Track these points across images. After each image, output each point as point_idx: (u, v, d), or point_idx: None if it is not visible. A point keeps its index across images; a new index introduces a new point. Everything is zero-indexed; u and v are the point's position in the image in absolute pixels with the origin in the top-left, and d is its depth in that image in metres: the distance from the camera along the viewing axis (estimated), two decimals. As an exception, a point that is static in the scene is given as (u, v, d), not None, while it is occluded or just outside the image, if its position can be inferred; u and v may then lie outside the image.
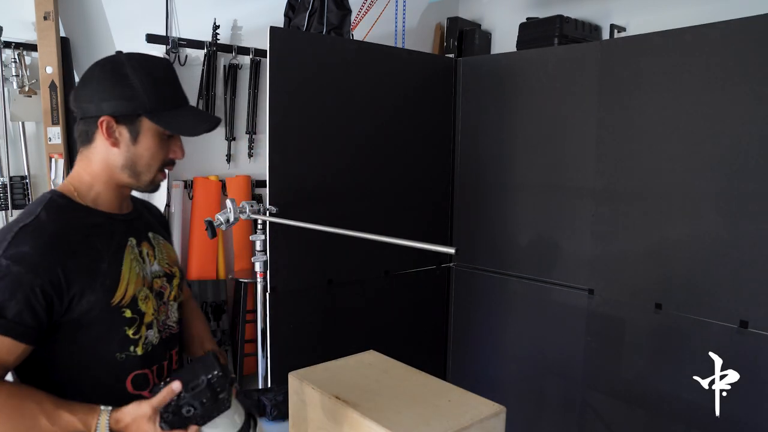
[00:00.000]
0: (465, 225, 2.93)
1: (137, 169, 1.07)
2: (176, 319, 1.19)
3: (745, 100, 1.94)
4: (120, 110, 1.02)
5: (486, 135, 2.80)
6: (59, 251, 0.97)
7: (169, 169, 1.11)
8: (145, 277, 1.10)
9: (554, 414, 2.58)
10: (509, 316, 2.75)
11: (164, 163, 1.09)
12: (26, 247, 0.94)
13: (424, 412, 1.30)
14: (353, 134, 2.57)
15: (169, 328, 1.17)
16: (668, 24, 2.23)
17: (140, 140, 1.05)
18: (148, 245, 1.15)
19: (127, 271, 1.06)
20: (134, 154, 1.06)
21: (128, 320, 1.05)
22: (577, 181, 2.43)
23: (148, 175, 1.08)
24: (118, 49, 2.96)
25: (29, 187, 2.76)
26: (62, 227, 1.00)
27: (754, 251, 1.94)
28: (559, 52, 2.59)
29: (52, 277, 0.94)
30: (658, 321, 2.18)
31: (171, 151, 1.10)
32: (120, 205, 1.13)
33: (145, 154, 1.06)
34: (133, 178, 1.08)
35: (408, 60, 2.80)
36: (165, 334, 1.15)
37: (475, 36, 3.75)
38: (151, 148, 1.06)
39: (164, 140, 1.08)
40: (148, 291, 1.10)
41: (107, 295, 1.02)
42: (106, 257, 1.03)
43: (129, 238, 1.10)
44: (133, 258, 1.09)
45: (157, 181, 1.11)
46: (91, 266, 1.00)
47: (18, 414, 0.91)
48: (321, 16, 2.96)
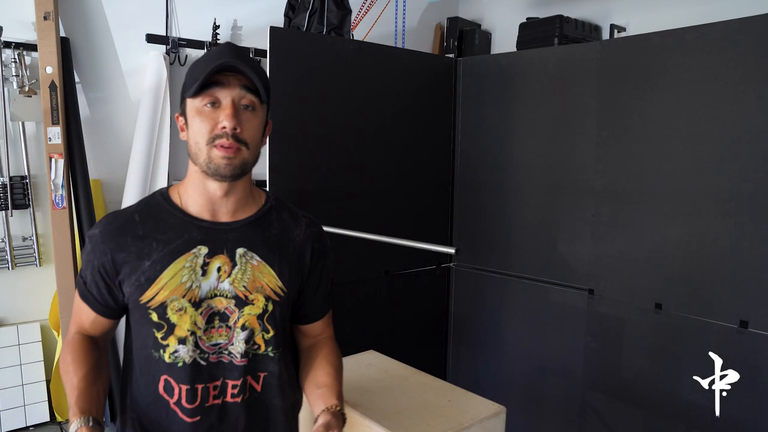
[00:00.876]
0: (465, 225, 2.93)
1: (193, 152, 1.01)
2: (242, 351, 1.05)
3: (745, 100, 1.94)
4: (180, 104, 1.07)
5: (486, 135, 2.80)
6: (115, 241, 1.02)
7: (225, 143, 0.98)
8: (191, 290, 1.02)
9: (554, 414, 2.58)
10: (509, 316, 2.75)
11: (213, 137, 0.98)
12: (99, 229, 1.05)
13: (424, 412, 1.30)
14: (353, 134, 2.57)
15: (231, 356, 1.05)
16: (668, 24, 2.23)
17: (189, 123, 1.02)
18: (226, 260, 1.04)
19: (168, 275, 1.01)
20: (188, 138, 1.02)
21: (155, 324, 1.02)
22: (577, 181, 2.43)
23: (202, 155, 0.99)
24: (118, 48, 2.97)
25: (29, 187, 2.76)
26: (132, 220, 1.04)
27: (754, 251, 1.94)
28: (559, 52, 2.59)
29: (105, 261, 1.03)
30: (658, 321, 2.18)
31: (218, 122, 0.98)
32: (211, 209, 1.06)
33: (193, 133, 1.01)
34: (196, 163, 1.01)
35: (408, 60, 2.80)
36: (215, 358, 1.04)
37: (475, 36, 3.75)
38: (195, 125, 1.00)
39: (208, 112, 0.99)
40: (188, 304, 1.02)
41: (138, 292, 1.02)
42: (154, 256, 1.02)
43: (199, 246, 1.03)
44: (187, 266, 1.02)
45: (216, 159, 0.98)
46: (136, 261, 1.02)
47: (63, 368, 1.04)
48: (321, 16, 2.96)
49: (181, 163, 3.18)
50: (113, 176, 3.00)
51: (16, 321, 2.82)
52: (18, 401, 2.75)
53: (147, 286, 1.01)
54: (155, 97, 2.92)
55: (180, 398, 1.03)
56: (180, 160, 3.17)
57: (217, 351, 1.04)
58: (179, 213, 1.05)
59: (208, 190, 1.04)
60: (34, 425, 2.80)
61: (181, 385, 1.03)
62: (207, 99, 0.99)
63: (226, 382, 1.05)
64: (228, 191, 1.04)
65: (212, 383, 1.04)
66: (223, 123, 0.97)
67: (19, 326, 2.78)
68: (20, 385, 2.76)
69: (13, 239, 2.77)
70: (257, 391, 1.08)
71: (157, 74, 2.94)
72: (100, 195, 2.97)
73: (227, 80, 0.99)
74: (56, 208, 2.71)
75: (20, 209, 2.77)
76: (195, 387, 1.03)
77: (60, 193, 2.71)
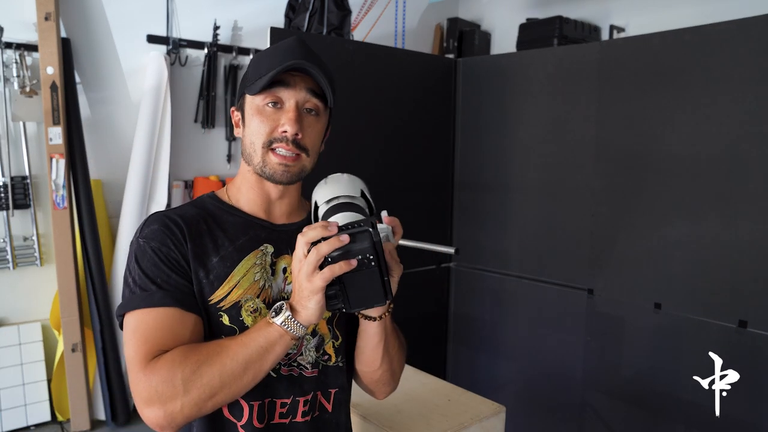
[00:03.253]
0: (465, 225, 2.93)
1: (247, 152, 0.94)
2: (313, 361, 0.96)
3: (745, 99, 1.94)
4: (237, 98, 0.98)
5: (486, 135, 2.81)
6: (180, 232, 0.91)
7: (283, 148, 0.91)
8: (265, 289, 0.93)
9: (554, 413, 2.58)
10: (509, 316, 2.76)
11: (271, 140, 0.91)
12: (155, 225, 0.91)
13: (424, 412, 1.30)
14: (353, 134, 2.58)
15: (300, 368, 0.95)
16: (668, 24, 2.24)
17: (246, 120, 0.95)
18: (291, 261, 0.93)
19: (240, 272, 0.92)
20: (244, 136, 0.95)
21: (226, 329, 0.90)
22: (576, 181, 2.43)
23: (256, 156, 0.93)
24: (118, 49, 2.98)
25: (30, 187, 2.77)
26: (188, 216, 0.94)
27: (753, 251, 1.94)
28: (559, 52, 2.59)
29: (180, 247, 0.90)
30: (658, 321, 2.19)
31: (279, 124, 0.91)
32: (267, 209, 0.99)
33: (249, 132, 0.93)
34: (250, 163, 0.95)
35: (408, 60, 2.80)
36: (286, 371, 0.94)
37: (475, 36, 3.75)
38: (253, 124, 0.92)
39: (269, 113, 0.91)
40: (263, 305, 0.92)
41: (207, 290, 0.90)
42: (222, 252, 0.92)
43: (265, 244, 0.96)
44: (257, 263, 0.94)
45: (272, 164, 0.92)
46: (202, 257, 0.91)
47: (203, 354, 0.82)
48: (321, 16, 2.97)
49: (181, 163, 3.18)
50: (114, 176, 3.00)
51: (17, 321, 2.83)
52: (19, 401, 2.76)
53: (218, 284, 0.90)
54: (156, 97, 2.93)
55: (251, 418, 0.90)
56: (180, 160, 3.17)
57: (287, 363, 0.94)
58: (236, 212, 0.98)
59: (264, 189, 0.98)
60: (35, 425, 2.80)
61: (252, 402, 0.90)
62: (269, 98, 0.91)
63: (296, 400, 0.94)
64: (283, 193, 0.99)
65: (280, 399, 0.93)
66: (284, 127, 0.90)
67: (20, 326, 2.79)
68: (21, 385, 2.76)
69: (15, 239, 2.78)
70: (328, 411, 0.99)
71: (158, 75, 2.94)
72: (101, 195, 2.98)
73: (293, 80, 0.91)
74: (57, 208, 2.72)
75: (21, 209, 2.77)
76: (264, 402, 0.91)
77: (61, 193, 2.72)
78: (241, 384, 0.81)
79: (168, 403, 0.78)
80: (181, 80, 3.14)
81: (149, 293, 0.86)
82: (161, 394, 0.78)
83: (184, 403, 0.78)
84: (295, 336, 0.80)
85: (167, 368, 0.79)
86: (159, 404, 0.78)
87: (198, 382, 0.78)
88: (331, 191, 0.89)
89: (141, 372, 0.80)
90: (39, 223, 2.83)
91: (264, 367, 0.81)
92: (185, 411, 0.79)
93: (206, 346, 0.82)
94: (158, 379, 0.78)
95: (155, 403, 0.78)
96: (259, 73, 0.91)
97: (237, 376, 0.79)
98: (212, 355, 0.80)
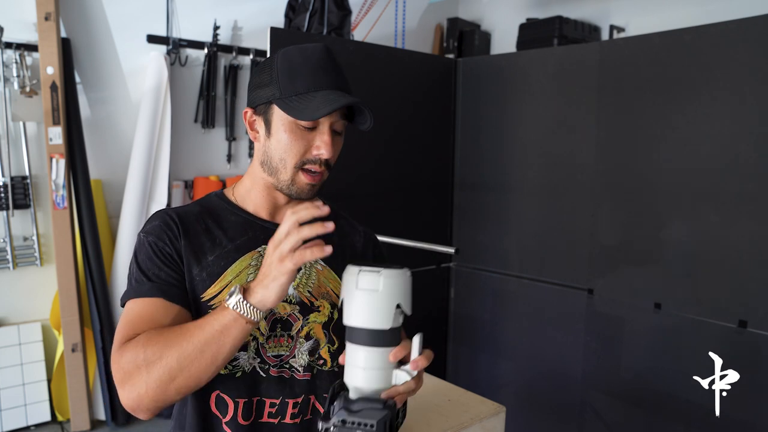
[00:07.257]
0: (465, 225, 2.93)
1: (273, 165, 0.94)
2: (305, 364, 0.96)
3: (745, 99, 1.94)
4: (256, 99, 0.95)
5: (486, 135, 2.81)
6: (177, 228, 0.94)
7: (315, 169, 0.93)
8: None
9: (554, 414, 2.58)
10: (509, 316, 2.76)
11: (304, 161, 0.92)
12: (156, 221, 0.94)
13: (424, 412, 1.30)
14: (353, 135, 2.57)
15: (292, 370, 0.96)
16: (667, 24, 2.24)
17: (273, 131, 0.94)
18: None
19: (233, 272, 0.93)
20: (269, 147, 0.94)
21: None
22: (576, 181, 2.43)
23: (284, 173, 0.93)
24: (118, 49, 2.98)
25: (30, 187, 2.77)
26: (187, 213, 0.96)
27: (753, 251, 1.94)
28: (559, 52, 2.59)
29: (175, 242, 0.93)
30: (658, 321, 2.19)
31: (314, 146, 0.92)
32: (272, 211, 1.00)
33: (278, 147, 0.93)
34: (273, 176, 0.95)
35: (408, 60, 2.80)
36: (276, 372, 0.94)
37: (475, 36, 3.76)
38: (283, 140, 0.92)
39: (301, 132, 0.92)
40: None
41: (200, 287, 0.92)
42: (217, 251, 0.94)
43: (263, 245, 0.95)
44: (252, 264, 0.95)
45: (301, 184, 0.94)
46: (198, 254, 0.93)
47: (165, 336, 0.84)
48: (321, 16, 2.97)
49: (181, 163, 3.18)
50: (114, 176, 3.00)
51: (17, 321, 2.83)
52: (19, 401, 2.76)
53: (210, 282, 0.92)
54: (156, 97, 2.93)
55: (236, 415, 0.92)
56: (180, 160, 3.17)
57: (278, 364, 0.95)
58: (240, 211, 0.99)
59: (274, 195, 1.00)
60: (35, 425, 2.80)
61: (238, 399, 0.92)
62: (308, 123, 0.92)
63: (286, 402, 0.95)
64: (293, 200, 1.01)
65: (270, 399, 0.94)
66: (320, 150, 0.92)
67: (20, 326, 2.79)
68: (21, 385, 2.77)
69: (15, 239, 2.78)
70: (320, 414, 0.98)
71: (158, 75, 2.94)
72: (101, 195, 2.98)
73: None
74: (57, 208, 2.72)
75: (21, 209, 2.77)
76: (252, 400, 0.93)
77: (61, 193, 2.72)
78: (200, 367, 0.80)
79: (135, 383, 0.80)
80: (181, 80, 3.14)
81: (140, 284, 0.90)
82: (128, 374, 0.81)
83: (148, 384, 0.80)
84: (250, 319, 0.79)
85: (133, 349, 0.82)
86: (128, 384, 0.81)
87: (158, 363, 0.79)
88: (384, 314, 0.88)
89: (115, 353, 0.84)
90: (39, 223, 2.83)
91: (222, 351, 0.80)
92: (150, 393, 0.80)
93: (171, 330, 0.83)
94: (125, 359, 0.82)
95: (125, 383, 0.81)
96: (296, 88, 0.91)
97: (193, 358, 0.79)
98: (173, 337, 0.81)
